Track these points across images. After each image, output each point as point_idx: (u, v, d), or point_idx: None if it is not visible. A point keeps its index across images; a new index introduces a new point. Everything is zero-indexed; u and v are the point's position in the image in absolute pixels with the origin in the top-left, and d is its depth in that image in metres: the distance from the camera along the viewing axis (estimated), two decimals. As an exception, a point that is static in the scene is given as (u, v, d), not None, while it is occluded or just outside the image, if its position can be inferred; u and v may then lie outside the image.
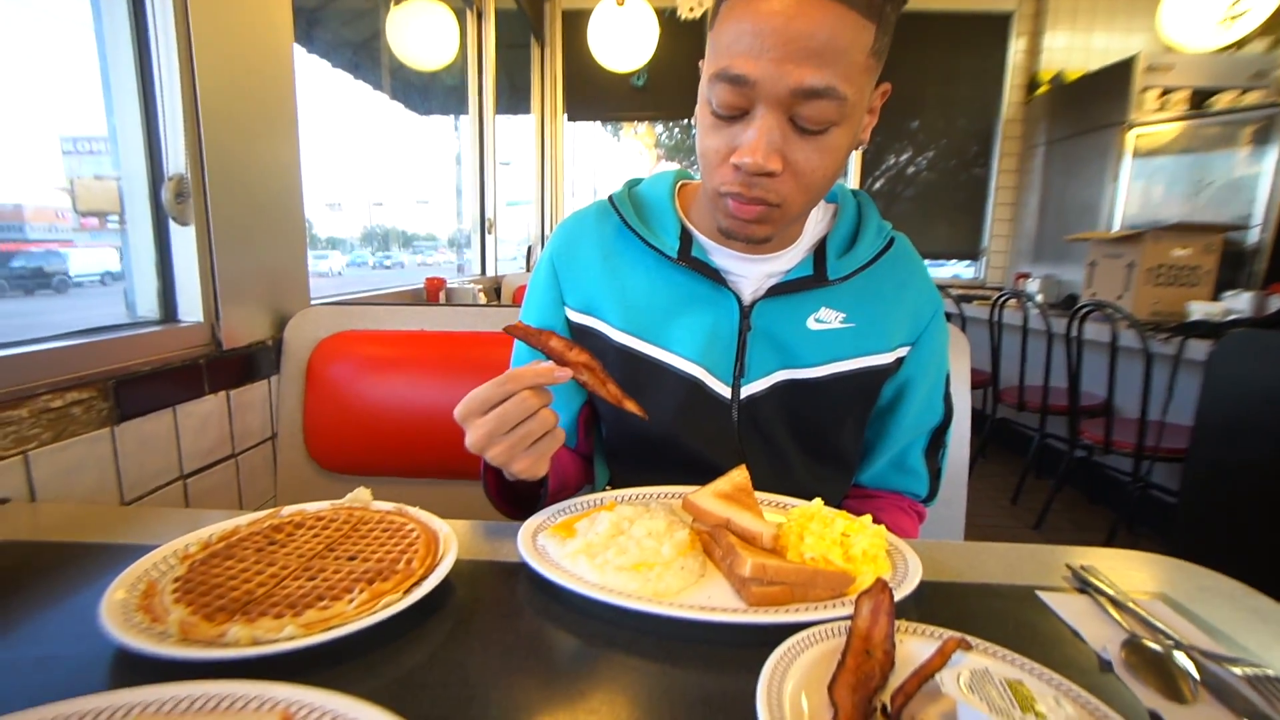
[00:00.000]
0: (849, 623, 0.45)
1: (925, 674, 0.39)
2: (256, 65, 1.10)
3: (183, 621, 0.43)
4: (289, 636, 0.43)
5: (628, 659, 0.45)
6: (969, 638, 0.44)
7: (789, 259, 0.73)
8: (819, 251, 0.73)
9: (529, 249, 4.14)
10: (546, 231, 4.30)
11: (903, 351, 0.77)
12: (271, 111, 1.15)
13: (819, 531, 0.55)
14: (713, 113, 0.61)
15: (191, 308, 1.02)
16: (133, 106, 0.96)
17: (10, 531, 0.64)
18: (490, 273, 3.36)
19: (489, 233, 3.30)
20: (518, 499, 0.71)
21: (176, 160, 0.97)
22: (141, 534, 0.63)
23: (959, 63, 4.25)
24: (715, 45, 0.60)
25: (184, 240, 1.00)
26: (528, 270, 3.59)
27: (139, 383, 0.89)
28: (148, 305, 1.02)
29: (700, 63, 0.63)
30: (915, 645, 0.44)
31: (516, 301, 0.81)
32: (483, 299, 2.45)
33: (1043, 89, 4.09)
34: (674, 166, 0.83)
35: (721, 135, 0.61)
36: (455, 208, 3.55)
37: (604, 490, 0.79)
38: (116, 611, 0.44)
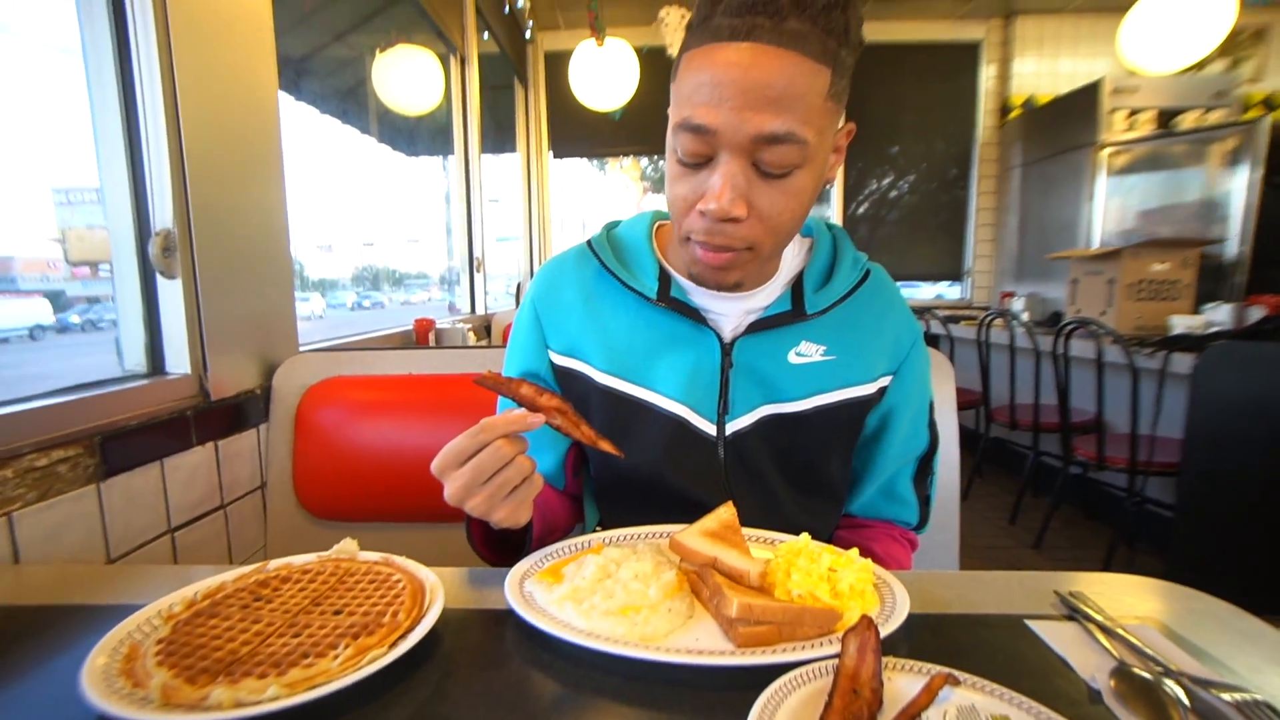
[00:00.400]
0: (836, 661, 0.45)
1: (912, 712, 0.39)
2: (242, 117, 1.12)
3: (165, 685, 0.43)
4: (272, 697, 0.42)
5: (616, 705, 0.44)
6: (956, 672, 0.43)
7: (767, 295, 0.75)
8: (796, 286, 0.75)
9: (518, 285, 4.17)
10: (535, 267, 4.34)
11: (885, 381, 0.78)
12: (257, 162, 1.16)
13: (806, 567, 0.55)
14: (679, 161, 0.63)
15: (179, 360, 1.02)
16: (119, 162, 0.98)
17: (-8, 596, 0.63)
18: (480, 310, 3.37)
19: (478, 271, 3.33)
20: (505, 545, 0.70)
21: (163, 215, 0.99)
22: (127, 593, 0.62)
23: (933, 90, 4.37)
24: (677, 96, 0.62)
25: (171, 293, 1.01)
26: (517, 305, 3.61)
27: (126, 437, 0.89)
28: (135, 359, 1.02)
29: (669, 110, 0.66)
30: (903, 682, 0.44)
31: (506, 340, 0.82)
32: (472, 338, 2.45)
33: (1015, 113, 4.21)
34: (660, 200, 0.85)
35: (688, 183, 0.63)
36: (445, 246, 3.58)
37: (594, 530, 0.79)
38: (98, 678, 0.44)
